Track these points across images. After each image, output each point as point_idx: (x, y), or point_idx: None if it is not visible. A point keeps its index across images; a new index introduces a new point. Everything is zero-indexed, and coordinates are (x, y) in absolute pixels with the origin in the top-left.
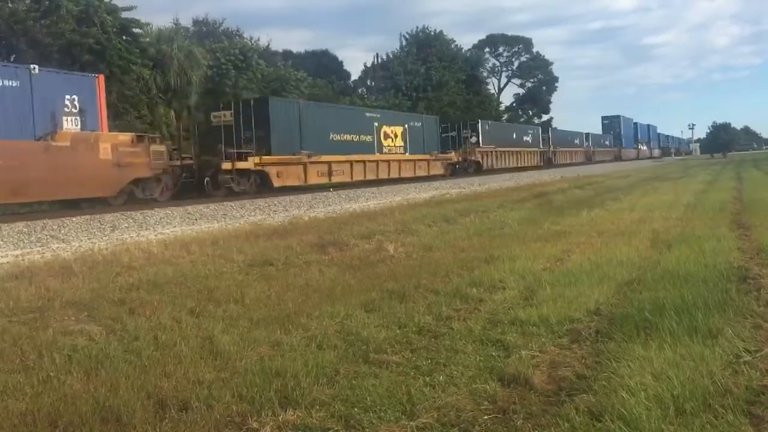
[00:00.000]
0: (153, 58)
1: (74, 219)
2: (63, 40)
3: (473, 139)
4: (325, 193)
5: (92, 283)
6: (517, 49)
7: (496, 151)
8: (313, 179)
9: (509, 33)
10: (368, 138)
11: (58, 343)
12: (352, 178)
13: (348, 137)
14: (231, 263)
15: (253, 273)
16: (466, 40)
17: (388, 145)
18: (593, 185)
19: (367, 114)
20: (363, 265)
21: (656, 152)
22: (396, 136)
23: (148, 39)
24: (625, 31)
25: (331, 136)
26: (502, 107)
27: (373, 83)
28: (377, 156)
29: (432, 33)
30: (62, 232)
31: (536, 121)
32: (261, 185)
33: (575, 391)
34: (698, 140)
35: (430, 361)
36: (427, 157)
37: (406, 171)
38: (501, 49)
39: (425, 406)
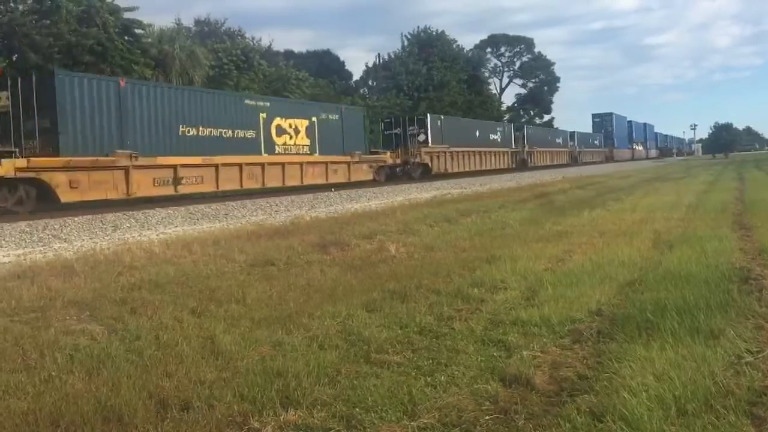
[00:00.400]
0: (155, 59)
1: (76, 219)
2: (63, 41)
3: (420, 137)
4: (326, 193)
5: (94, 283)
6: (518, 50)
7: (450, 152)
8: (147, 190)
9: (511, 33)
10: (249, 133)
11: (60, 342)
12: (218, 188)
13: (212, 132)
14: (233, 263)
15: (254, 273)
16: (467, 41)
17: (284, 144)
18: (595, 185)
19: (248, 101)
20: (364, 265)
21: (653, 153)
22: (297, 131)
23: (150, 39)
24: (626, 31)
25: (182, 129)
26: (504, 107)
27: (374, 83)
28: (265, 158)
29: (434, 33)
30: (64, 231)
31: (537, 121)
32: (43, 200)
33: (577, 391)
34: (700, 140)
35: (431, 361)
36: (347, 159)
37: (312, 176)
38: (503, 50)
39: (426, 407)
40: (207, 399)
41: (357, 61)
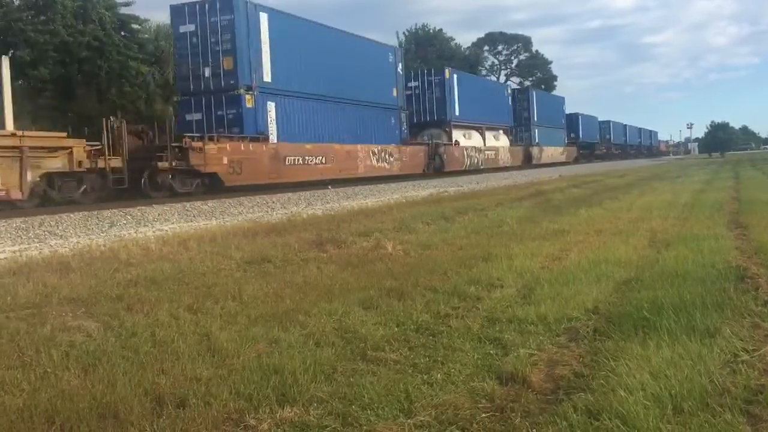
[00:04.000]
0: (152, 54)
1: (72, 215)
2: (59, 37)
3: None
4: (323, 191)
5: (90, 280)
6: (516, 48)
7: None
8: None
9: (508, 31)
10: None
11: (56, 339)
12: None
13: None
14: (229, 260)
15: (251, 270)
16: (464, 39)
17: None
18: (590, 184)
19: None
20: (361, 263)
21: (558, 153)
22: None
23: (146, 35)
24: (623, 30)
25: None
26: None
27: None
28: None
29: (431, 31)
30: (60, 228)
31: None
32: None
33: (573, 389)
34: (696, 140)
35: (428, 359)
36: None
37: None
38: (500, 48)
39: (423, 404)
40: (203, 396)
41: None
